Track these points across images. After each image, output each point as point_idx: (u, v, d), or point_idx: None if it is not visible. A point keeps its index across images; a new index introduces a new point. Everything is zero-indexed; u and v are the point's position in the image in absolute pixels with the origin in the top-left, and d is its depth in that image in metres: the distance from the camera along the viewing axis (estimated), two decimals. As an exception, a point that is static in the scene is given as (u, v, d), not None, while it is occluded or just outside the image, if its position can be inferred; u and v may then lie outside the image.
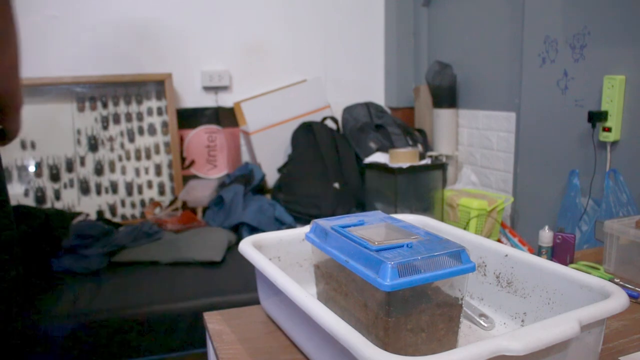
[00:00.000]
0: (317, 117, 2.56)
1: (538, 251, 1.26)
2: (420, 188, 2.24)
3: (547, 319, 0.56)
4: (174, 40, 2.44)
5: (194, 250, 1.91)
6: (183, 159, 2.50)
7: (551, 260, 0.76)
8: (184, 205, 2.34)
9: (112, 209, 2.37)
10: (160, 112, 2.42)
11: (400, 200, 2.16)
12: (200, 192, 2.36)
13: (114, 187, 2.36)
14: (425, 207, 2.25)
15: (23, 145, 2.22)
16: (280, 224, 2.16)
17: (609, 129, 1.72)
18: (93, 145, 2.31)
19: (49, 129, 2.26)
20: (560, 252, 1.18)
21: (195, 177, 2.54)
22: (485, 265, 0.80)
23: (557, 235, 1.19)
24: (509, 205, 2.22)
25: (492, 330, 0.75)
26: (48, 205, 2.26)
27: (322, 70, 2.75)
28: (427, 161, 2.24)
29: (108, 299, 1.63)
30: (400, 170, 2.13)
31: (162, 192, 2.43)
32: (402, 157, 2.17)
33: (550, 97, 1.98)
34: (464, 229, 1.42)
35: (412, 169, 2.16)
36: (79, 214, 2.15)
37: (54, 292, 1.68)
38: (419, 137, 2.56)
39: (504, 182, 2.27)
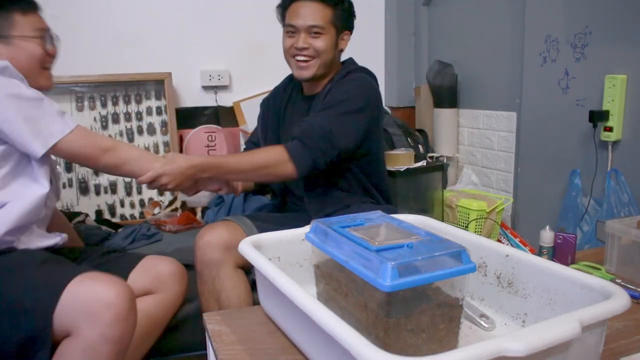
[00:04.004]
0: (317, 117, 2.55)
1: (539, 251, 1.25)
2: (419, 190, 2.24)
3: (548, 320, 0.56)
4: (173, 39, 2.44)
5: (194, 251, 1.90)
6: (183, 159, 2.49)
7: (552, 260, 0.75)
8: (184, 205, 2.34)
9: (111, 209, 2.36)
10: (159, 111, 2.41)
11: (399, 202, 2.16)
12: (200, 192, 2.35)
13: (113, 187, 2.36)
14: (424, 208, 2.24)
15: (22, 145, 2.21)
16: (280, 224, 2.16)
17: (610, 129, 1.72)
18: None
19: (49, 129, 2.25)
20: (562, 253, 1.18)
21: (195, 177, 2.53)
22: (486, 266, 0.80)
23: (558, 236, 1.18)
24: (509, 206, 2.21)
25: (493, 331, 0.75)
26: (47, 205, 2.26)
27: (322, 70, 2.74)
28: (422, 163, 2.23)
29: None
30: (399, 172, 2.13)
31: (161, 192, 2.43)
32: (397, 160, 2.17)
33: (551, 96, 1.97)
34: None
35: (412, 171, 2.16)
36: (78, 214, 2.14)
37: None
38: (420, 138, 2.55)
39: (505, 182, 2.27)
